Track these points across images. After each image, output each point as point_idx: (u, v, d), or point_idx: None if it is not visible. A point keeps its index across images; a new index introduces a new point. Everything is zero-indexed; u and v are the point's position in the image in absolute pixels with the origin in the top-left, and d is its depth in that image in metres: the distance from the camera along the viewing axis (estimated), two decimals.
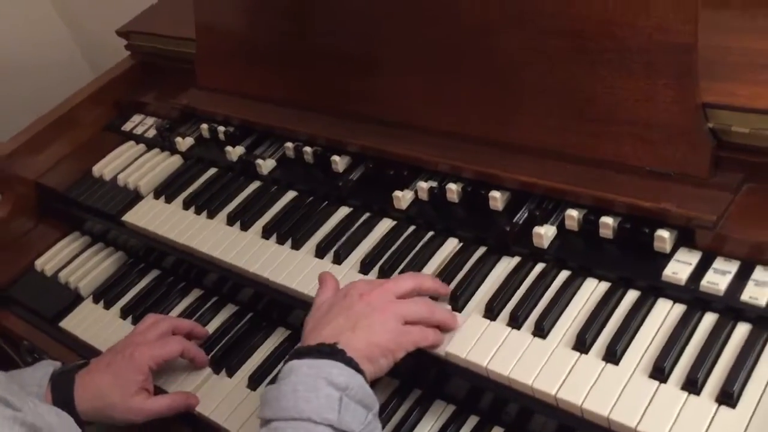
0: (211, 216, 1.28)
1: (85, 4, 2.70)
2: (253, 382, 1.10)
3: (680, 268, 0.88)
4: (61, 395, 1.07)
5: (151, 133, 1.54)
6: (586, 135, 0.98)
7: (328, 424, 0.80)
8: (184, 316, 1.25)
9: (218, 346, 1.17)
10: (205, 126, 1.44)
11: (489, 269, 1.00)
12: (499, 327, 0.92)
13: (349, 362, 0.85)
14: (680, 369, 0.81)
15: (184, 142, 1.45)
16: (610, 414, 0.80)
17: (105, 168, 1.50)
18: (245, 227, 1.23)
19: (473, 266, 1.01)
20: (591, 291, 0.93)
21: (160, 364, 1.12)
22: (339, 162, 1.23)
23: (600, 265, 0.94)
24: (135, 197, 1.40)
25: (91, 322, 1.33)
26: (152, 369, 1.11)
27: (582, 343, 0.86)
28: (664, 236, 0.90)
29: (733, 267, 0.87)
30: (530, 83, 1.02)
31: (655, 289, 0.89)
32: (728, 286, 0.85)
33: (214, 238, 1.24)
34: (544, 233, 0.97)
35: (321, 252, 1.12)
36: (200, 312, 1.26)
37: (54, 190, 1.53)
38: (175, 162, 1.45)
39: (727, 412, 0.76)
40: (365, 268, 1.07)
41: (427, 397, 0.99)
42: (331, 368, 0.84)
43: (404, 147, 1.14)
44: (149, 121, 1.58)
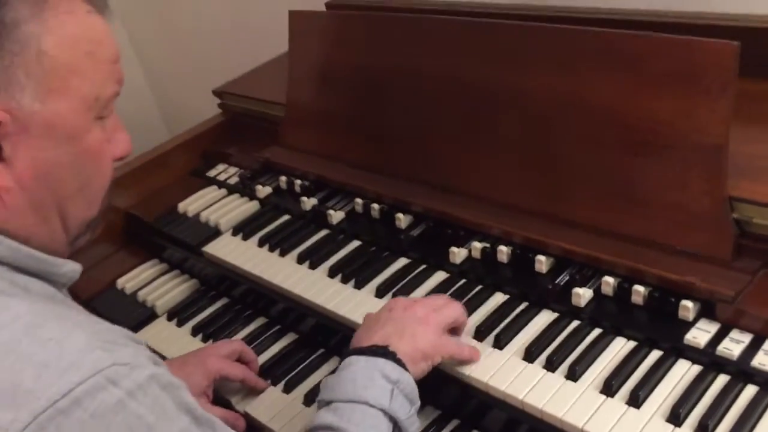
0: (283, 254, 1.44)
1: (172, 78, 3.04)
2: (308, 401, 1.23)
3: (700, 334, 1.01)
4: None
5: (233, 180, 1.72)
6: (626, 214, 1.13)
7: (381, 409, 0.95)
8: (247, 340, 1.38)
9: (280, 368, 1.30)
10: (284, 178, 1.61)
11: (530, 319, 1.13)
12: (536, 369, 1.05)
13: (399, 362, 1.00)
14: (694, 417, 0.93)
15: (263, 190, 1.62)
16: None
17: (189, 206, 1.68)
18: (313, 266, 1.38)
19: (516, 316, 1.14)
20: (620, 347, 1.05)
21: (224, 378, 1.26)
22: (402, 219, 1.39)
23: (629, 326, 1.07)
24: (215, 233, 1.56)
25: (164, 337, 1.47)
26: (216, 380, 1.25)
27: (609, 388, 0.98)
28: (688, 306, 1.03)
29: (746, 338, 0.99)
30: (580, 167, 1.18)
31: (677, 350, 1.02)
32: (741, 352, 0.97)
33: (284, 272, 1.38)
34: (582, 294, 1.11)
35: (380, 293, 1.26)
36: (262, 338, 1.39)
37: (141, 220, 1.70)
38: (253, 206, 1.62)
39: None
40: None
41: (465, 425, 1.11)
42: (384, 365, 0.98)
43: (463, 211, 1.30)
44: (232, 170, 1.77)
